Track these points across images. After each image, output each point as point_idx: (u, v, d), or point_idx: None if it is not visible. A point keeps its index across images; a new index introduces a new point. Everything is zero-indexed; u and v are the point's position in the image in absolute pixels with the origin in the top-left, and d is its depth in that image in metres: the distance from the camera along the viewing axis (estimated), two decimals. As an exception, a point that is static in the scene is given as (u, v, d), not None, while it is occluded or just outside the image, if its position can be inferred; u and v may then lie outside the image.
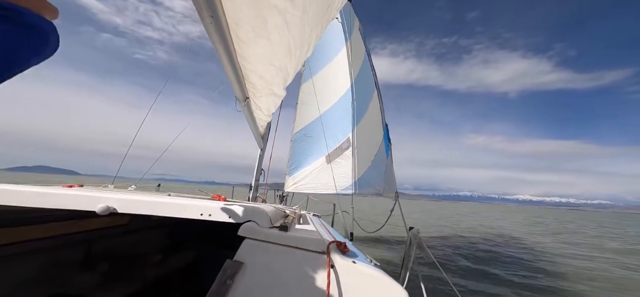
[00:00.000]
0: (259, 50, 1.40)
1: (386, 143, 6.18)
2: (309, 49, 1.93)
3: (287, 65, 1.89)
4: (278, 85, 2.14)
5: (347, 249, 1.08)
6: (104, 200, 1.17)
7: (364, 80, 6.33)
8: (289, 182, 6.62)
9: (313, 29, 1.73)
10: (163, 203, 1.20)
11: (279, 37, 1.42)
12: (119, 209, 1.17)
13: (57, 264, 1.76)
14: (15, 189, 1.20)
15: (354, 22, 6.47)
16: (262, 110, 2.58)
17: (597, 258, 9.64)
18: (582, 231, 19.94)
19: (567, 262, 8.70)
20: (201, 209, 1.20)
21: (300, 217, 2.08)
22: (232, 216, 1.18)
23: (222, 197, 1.78)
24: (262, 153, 3.99)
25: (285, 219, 1.53)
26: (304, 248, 1.04)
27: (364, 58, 6.47)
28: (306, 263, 0.99)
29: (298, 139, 6.83)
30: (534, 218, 36.77)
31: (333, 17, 1.95)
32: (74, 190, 1.32)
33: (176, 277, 2.49)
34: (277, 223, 1.29)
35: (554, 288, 5.88)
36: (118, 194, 1.32)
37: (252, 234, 1.09)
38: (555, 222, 28.53)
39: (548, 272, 7.17)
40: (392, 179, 6.11)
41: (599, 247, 12.44)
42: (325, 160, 6.03)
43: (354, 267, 0.96)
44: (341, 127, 5.96)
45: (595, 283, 6.49)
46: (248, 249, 1.04)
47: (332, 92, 6.33)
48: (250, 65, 1.52)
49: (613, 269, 8.09)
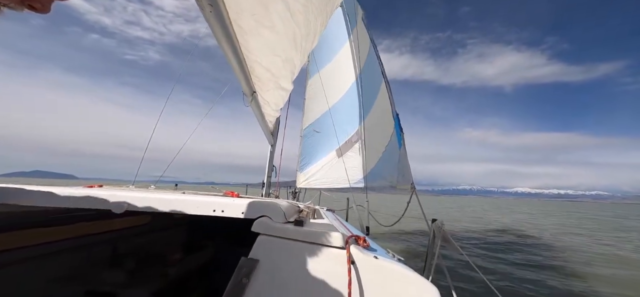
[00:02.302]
0: (262, 40, 1.37)
1: (398, 133, 6.03)
2: (314, 39, 1.89)
3: (293, 56, 1.85)
4: (285, 79, 2.10)
5: (366, 244, 1.03)
6: (124, 197, 1.20)
7: (371, 71, 6.19)
8: (301, 178, 6.63)
9: (317, 17, 1.67)
10: (178, 200, 1.21)
11: (283, 26, 1.38)
12: (138, 205, 1.19)
13: (87, 262, 1.85)
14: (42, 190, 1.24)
15: (358, 11, 6.32)
16: (270, 104, 2.56)
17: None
18: (608, 224, 18.27)
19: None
20: (214, 206, 1.19)
21: (315, 211, 2.05)
22: (245, 211, 1.16)
23: (235, 194, 1.78)
24: (272, 149, 3.99)
25: (300, 214, 1.50)
26: (321, 243, 1.00)
27: (369, 48, 6.32)
28: (325, 259, 0.95)
29: (307, 134, 6.81)
30: (544, 211, 34.50)
31: (337, 5, 1.89)
32: (96, 190, 1.36)
33: (195, 276, 2.55)
34: (292, 218, 1.26)
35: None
36: (137, 193, 1.35)
37: (267, 230, 1.06)
38: (567, 215, 26.53)
39: (594, 274, 6.11)
40: (407, 170, 5.95)
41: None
42: (336, 154, 5.98)
43: (376, 262, 0.91)
44: (350, 120, 5.87)
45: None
46: (263, 245, 1.02)
47: (340, 85, 6.25)
48: (254, 57, 1.49)
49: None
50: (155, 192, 1.52)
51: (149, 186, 2.47)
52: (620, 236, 12.58)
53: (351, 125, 5.83)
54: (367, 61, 6.20)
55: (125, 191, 1.55)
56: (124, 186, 2.10)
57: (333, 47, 6.55)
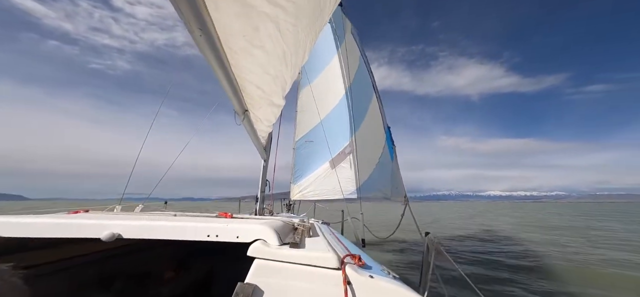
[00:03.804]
0: (253, 59, 1.38)
1: (389, 146, 6.10)
2: (304, 56, 1.91)
3: (284, 73, 1.86)
4: (277, 95, 2.11)
5: (362, 262, 1.04)
6: (109, 227, 1.15)
7: (362, 83, 6.29)
8: (295, 190, 6.57)
9: (307, 35, 1.70)
10: (168, 227, 1.18)
11: (272, 46, 1.40)
12: (124, 235, 1.15)
13: (73, 285, 1.78)
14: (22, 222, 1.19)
15: (346, 25, 6.47)
16: (262, 121, 2.55)
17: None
18: (592, 226, 18.42)
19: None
20: (208, 230, 1.18)
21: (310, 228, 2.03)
22: (240, 235, 1.15)
23: (229, 215, 1.75)
24: (265, 164, 3.95)
25: (295, 233, 1.50)
26: (317, 265, 1.01)
27: (359, 61, 6.44)
28: (321, 281, 0.95)
29: (300, 146, 6.80)
30: (519, 213, 34.79)
31: (326, 22, 1.93)
32: (79, 217, 1.31)
33: (190, 293, 2.47)
34: (287, 239, 1.26)
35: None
36: (123, 219, 1.30)
37: (262, 254, 1.06)
38: (542, 217, 26.46)
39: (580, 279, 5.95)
40: (399, 183, 6.00)
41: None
42: (329, 165, 5.98)
43: (372, 282, 0.92)
44: (342, 131, 5.92)
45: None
46: (259, 270, 1.01)
47: (331, 97, 6.31)
48: (246, 76, 1.49)
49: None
50: (146, 217, 1.47)
51: (137, 205, 2.40)
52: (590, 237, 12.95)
53: (344, 136, 5.87)
54: (357, 73, 6.31)
55: (114, 216, 1.49)
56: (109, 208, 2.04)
57: (324, 59, 6.65)
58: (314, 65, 6.79)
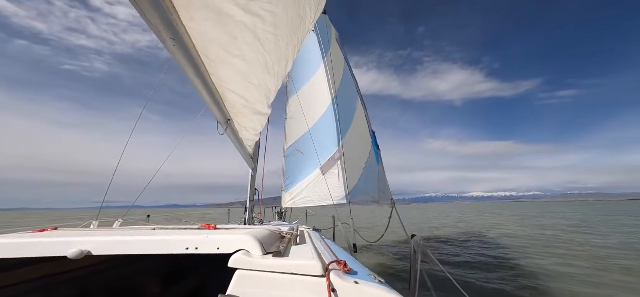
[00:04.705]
0: (233, 69, 1.37)
1: (375, 150, 6.16)
2: (288, 64, 1.92)
3: (267, 82, 1.86)
4: (261, 103, 2.10)
5: (348, 269, 1.03)
6: (76, 244, 1.09)
7: (347, 89, 6.37)
8: (286, 198, 6.51)
9: (289, 44, 1.71)
10: (144, 242, 1.13)
11: (253, 55, 1.40)
12: (94, 252, 1.09)
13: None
14: None
15: (331, 32, 6.56)
16: (247, 130, 2.54)
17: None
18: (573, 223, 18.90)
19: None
20: (187, 243, 1.14)
21: (298, 236, 2.01)
22: (222, 247, 1.12)
23: (212, 226, 1.70)
24: (253, 173, 3.91)
25: (281, 242, 1.47)
26: (301, 274, 0.99)
27: (344, 67, 6.53)
28: (305, 290, 0.94)
29: (291, 153, 6.77)
30: (498, 211, 35.45)
31: (309, 31, 1.94)
32: (43, 236, 1.24)
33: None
34: (272, 248, 1.23)
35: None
36: (95, 235, 1.24)
37: (244, 265, 1.03)
38: (529, 215, 27.24)
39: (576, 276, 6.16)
40: (386, 187, 6.06)
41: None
42: (320, 172, 5.97)
43: (357, 288, 0.91)
44: (331, 138, 5.94)
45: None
46: (241, 281, 0.99)
47: (319, 104, 6.34)
48: (226, 85, 1.48)
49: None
50: (121, 233, 1.41)
51: (117, 220, 2.30)
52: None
53: (332, 143, 5.89)
54: (343, 80, 6.38)
55: (83, 233, 1.43)
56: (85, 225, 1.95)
57: (310, 67, 6.70)
58: (302, 73, 6.83)
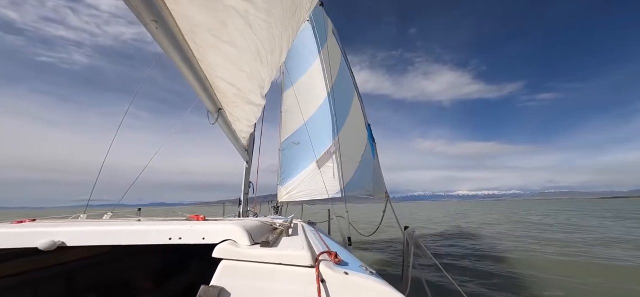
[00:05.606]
0: (223, 55, 1.33)
1: (371, 143, 6.15)
2: (281, 53, 1.87)
3: (260, 70, 1.82)
4: (254, 93, 2.06)
5: (338, 259, 1.01)
6: (48, 234, 1.04)
7: (343, 82, 6.33)
8: (282, 192, 6.49)
9: (282, 32, 1.66)
10: (122, 231, 1.09)
11: (244, 41, 1.35)
12: (68, 243, 1.05)
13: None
14: None
15: (328, 24, 6.48)
16: (240, 120, 2.49)
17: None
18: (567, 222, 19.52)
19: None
20: (169, 233, 1.10)
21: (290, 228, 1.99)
22: (207, 236, 1.09)
23: (201, 217, 1.67)
24: (248, 166, 3.88)
25: (272, 233, 1.44)
26: (288, 264, 0.96)
27: (340, 60, 6.47)
28: (293, 280, 0.92)
29: (286, 147, 6.73)
30: (486, 209, 36.16)
31: (303, 20, 1.89)
32: (16, 226, 1.18)
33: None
34: (262, 238, 1.21)
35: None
36: (72, 225, 1.20)
37: (229, 255, 1.01)
38: (516, 213, 27.79)
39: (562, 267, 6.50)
40: (380, 180, 6.07)
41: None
42: (316, 165, 5.95)
43: (347, 278, 0.89)
44: (327, 131, 5.91)
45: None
46: (226, 271, 0.96)
47: (315, 97, 6.30)
48: (216, 72, 1.44)
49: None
50: (100, 223, 1.37)
51: (106, 212, 2.26)
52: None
53: (328, 136, 5.87)
54: (339, 73, 6.33)
55: (58, 223, 1.38)
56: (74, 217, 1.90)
57: (306, 59, 6.63)
58: (298, 65, 6.75)
